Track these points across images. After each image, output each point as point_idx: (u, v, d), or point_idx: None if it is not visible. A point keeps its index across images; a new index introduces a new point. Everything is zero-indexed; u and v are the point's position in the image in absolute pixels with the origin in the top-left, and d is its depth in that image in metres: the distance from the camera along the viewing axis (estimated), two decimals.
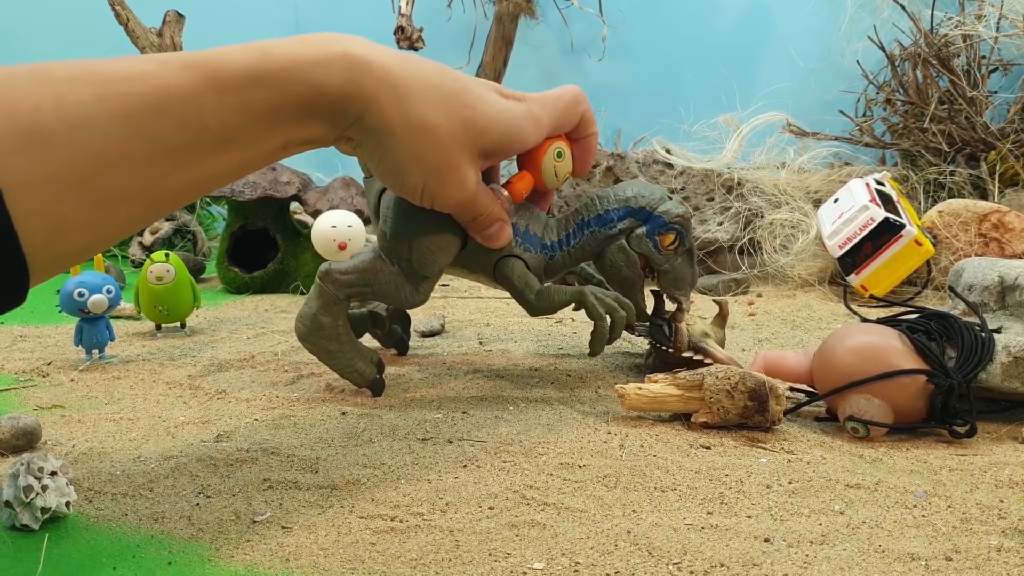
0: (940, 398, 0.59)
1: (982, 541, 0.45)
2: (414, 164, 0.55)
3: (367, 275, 0.67)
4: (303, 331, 0.69)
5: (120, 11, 1.46)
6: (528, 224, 0.70)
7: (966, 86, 1.32)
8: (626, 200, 0.72)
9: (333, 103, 0.49)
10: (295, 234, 1.21)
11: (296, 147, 0.50)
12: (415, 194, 0.58)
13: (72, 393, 0.74)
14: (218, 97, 0.44)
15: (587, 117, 0.65)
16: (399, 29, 1.47)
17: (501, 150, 0.59)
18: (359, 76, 0.50)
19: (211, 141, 0.45)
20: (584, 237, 0.72)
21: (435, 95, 0.53)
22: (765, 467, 0.55)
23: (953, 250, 1.08)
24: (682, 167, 1.26)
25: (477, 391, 0.72)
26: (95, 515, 0.50)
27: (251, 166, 0.49)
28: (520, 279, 0.69)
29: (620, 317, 0.70)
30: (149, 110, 0.42)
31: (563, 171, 0.66)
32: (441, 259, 0.66)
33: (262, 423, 0.65)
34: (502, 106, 0.58)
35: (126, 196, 0.43)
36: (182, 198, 0.46)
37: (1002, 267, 0.68)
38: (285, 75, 0.47)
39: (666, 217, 0.71)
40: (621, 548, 0.45)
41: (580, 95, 0.64)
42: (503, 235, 0.65)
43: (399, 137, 0.53)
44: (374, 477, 0.55)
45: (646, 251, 0.71)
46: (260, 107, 0.46)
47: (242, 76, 0.45)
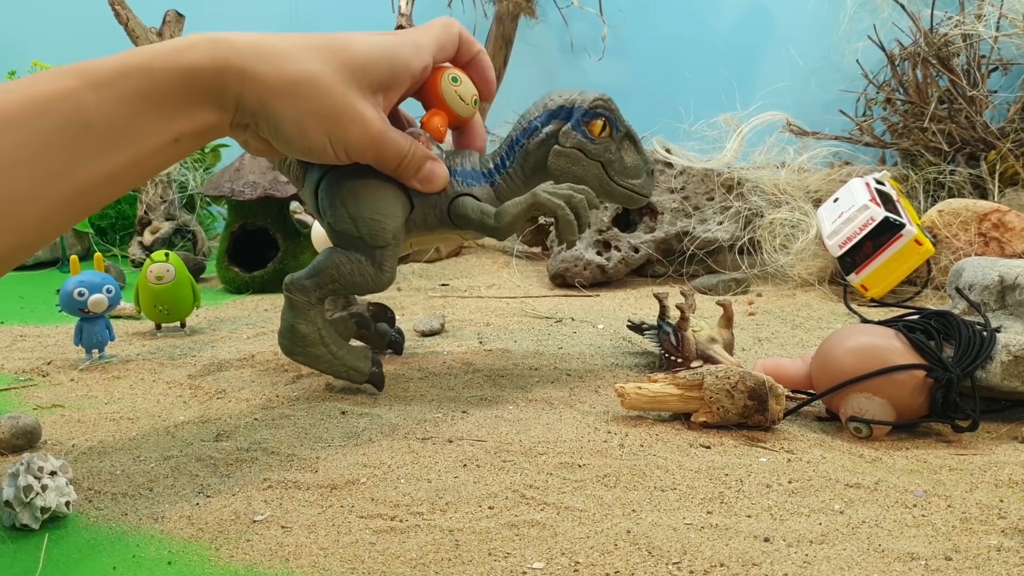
0: (940, 392, 0.59)
1: (982, 541, 0.45)
2: (309, 120, 0.56)
3: (328, 271, 0.67)
4: (287, 345, 0.69)
5: (120, 11, 1.46)
6: (462, 162, 0.70)
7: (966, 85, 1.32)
8: (544, 105, 0.72)
9: (207, 84, 0.51)
10: (295, 233, 1.21)
11: (190, 139, 0.52)
12: (326, 151, 0.58)
13: (72, 393, 0.74)
14: (95, 93, 0.46)
15: (465, 37, 0.66)
16: (399, 28, 1.47)
17: (390, 80, 0.59)
18: (225, 52, 0.52)
19: (97, 138, 0.46)
20: (517, 154, 0.71)
21: (305, 51, 0.55)
22: (765, 467, 0.55)
23: (953, 249, 1.08)
24: (682, 167, 1.26)
25: (477, 391, 0.72)
26: (95, 515, 0.50)
27: (145, 164, 0.50)
28: (475, 210, 0.68)
29: (579, 200, 0.68)
30: (29, 116, 0.44)
31: (467, 94, 0.66)
32: (390, 223, 0.66)
33: (262, 422, 0.65)
34: (375, 39, 0.59)
35: (23, 199, 0.44)
36: (81, 203, 0.47)
37: (1002, 266, 0.68)
38: (152, 63, 0.49)
39: (585, 105, 0.70)
40: (621, 548, 0.45)
41: (449, 19, 0.66)
42: (437, 173, 0.65)
43: (284, 97, 0.54)
44: (374, 477, 0.55)
45: (578, 144, 0.70)
46: (135, 96, 0.48)
47: (112, 70, 0.47)
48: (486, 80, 0.69)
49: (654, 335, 0.79)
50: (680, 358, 0.73)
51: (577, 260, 1.18)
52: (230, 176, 1.17)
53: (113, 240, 1.60)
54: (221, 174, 1.19)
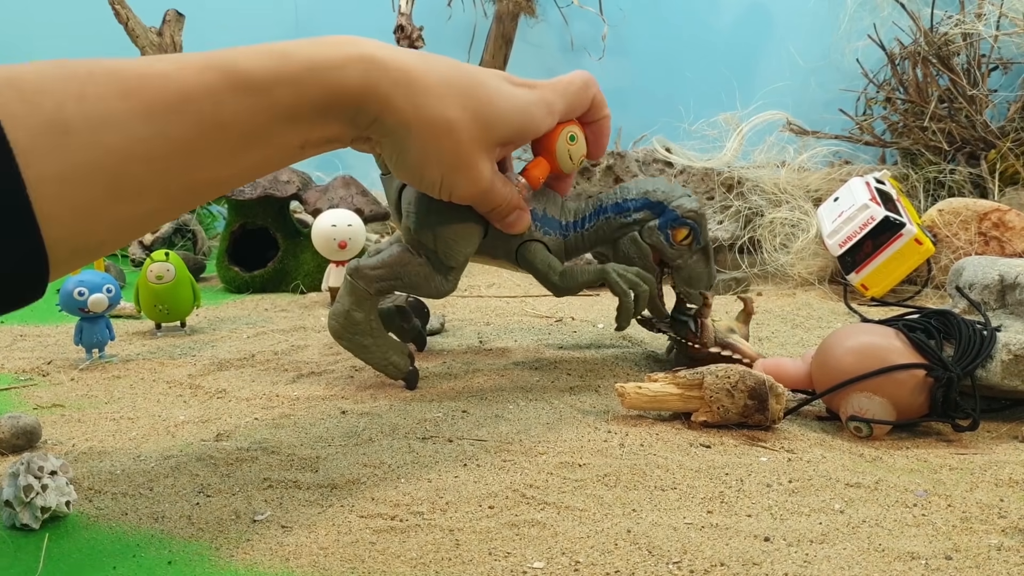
0: (940, 391, 0.59)
1: (982, 540, 0.45)
2: (432, 160, 0.56)
3: (396, 268, 0.68)
4: (337, 328, 0.70)
5: (120, 10, 1.46)
6: (546, 208, 0.71)
7: (966, 85, 1.32)
8: (645, 192, 0.73)
9: (350, 104, 0.50)
10: (295, 233, 1.21)
11: (314, 147, 0.51)
12: (433, 188, 0.59)
13: (72, 392, 0.74)
14: (237, 97, 0.45)
15: (598, 100, 0.66)
16: (399, 28, 1.47)
17: (515, 138, 0.60)
18: (375, 77, 0.50)
19: (230, 140, 0.45)
20: (599, 221, 0.73)
21: (449, 91, 0.54)
22: (765, 466, 0.55)
23: (953, 249, 1.08)
24: (682, 166, 1.26)
25: (477, 390, 0.72)
26: (95, 514, 0.50)
27: (270, 165, 0.50)
28: (543, 262, 0.70)
29: (644, 291, 0.71)
30: (169, 109, 0.43)
31: (577, 154, 0.66)
32: (465, 248, 0.68)
33: (262, 422, 0.65)
34: (514, 96, 0.59)
35: (146, 192, 0.43)
36: (201, 195, 0.47)
37: (1002, 266, 0.68)
38: (303, 77, 0.47)
39: (679, 211, 0.72)
40: (621, 547, 0.45)
41: (590, 80, 0.66)
42: (522, 222, 0.66)
43: (416, 135, 0.54)
44: (374, 476, 0.55)
45: (657, 243, 0.72)
46: (278, 108, 0.47)
47: (261, 77, 0.46)
48: (600, 146, 0.69)
49: (666, 324, 0.79)
50: (699, 344, 0.73)
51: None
52: None
53: None
54: None
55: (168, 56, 0.45)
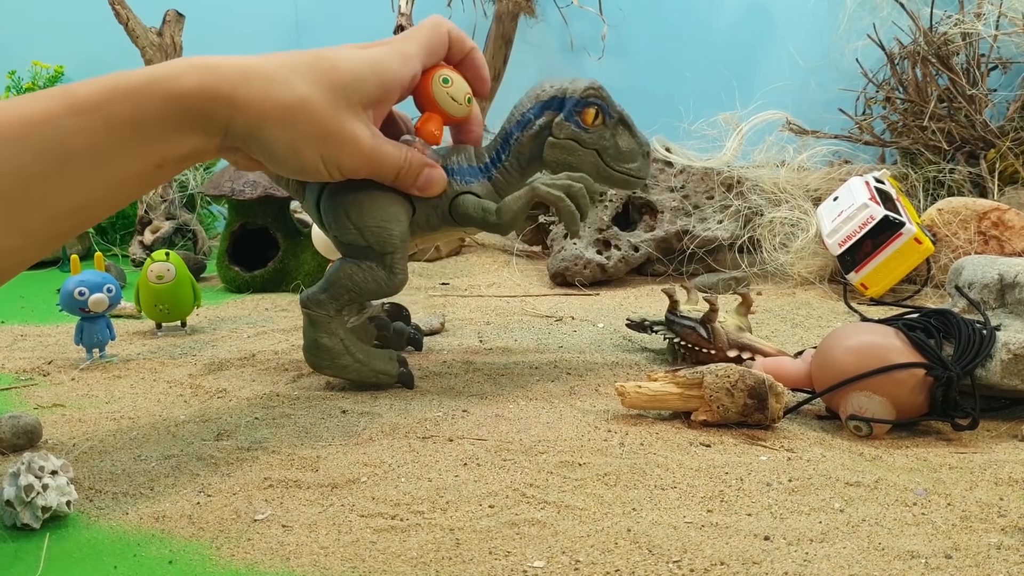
0: (940, 391, 0.59)
1: (982, 539, 0.45)
2: (301, 142, 0.56)
3: (341, 282, 0.68)
4: (313, 360, 0.70)
5: (120, 10, 1.46)
6: (458, 160, 0.70)
7: (965, 84, 1.32)
8: (536, 96, 0.72)
9: (196, 111, 0.50)
10: (295, 233, 1.21)
11: (173, 164, 0.51)
12: (319, 171, 0.59)
13: (73, 392, 0.74)
14: (77, 118, 0.45)
15: (455, 35, 0.66)
16: (399, 28, 1.47)
17: (380, 94, 0.59)
18: (213, 80, 0.51)
19: (78, 164, 0.46)
20: (512, 147, 0.71)
21: (292, 73, 0.54)
22: (765, 465, 0.55)
23: (953, 248, 1.08)
24: (682, 165, 1.26)
25: (477, 389, 0.72)
26: (96, 514, 0.50)
27: (127, 189, 0.49)
28: (476, 208, 0.69)
29: (579, 189, 0.70)
30: (11, 137, 0.43)
31: (460, 94, 0.66)
32: (395, 228, 0.67)
33: (262, 421, 0.65)
34: (362, 54, 0.59)
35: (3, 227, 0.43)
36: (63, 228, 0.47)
37: (1001, 265, 0.68)
38: (138, 89, 0.48)
39: (577, 95, 0.70)
40: (621, 546, 0.45)
41: (438, 18, 0.66)
42: (435, 179, 0.66)
43: (274, 124, 0.54)
44: (374, 476, 0.55)
45: (572, 135, 0.70)
46: (119, 122, 0.47)
47: (97, 95, 0.47)
48: (480, 79, 0.69)
49: (664, 330, 0.79)
50: (714, 350, 0.73)
51: (577, 259, 1.18)
52: (230, 175, 1.17)
53: (114, 239, 1.60)
54: (221, 173, 1.20)
55: (9, 98, 0.46)
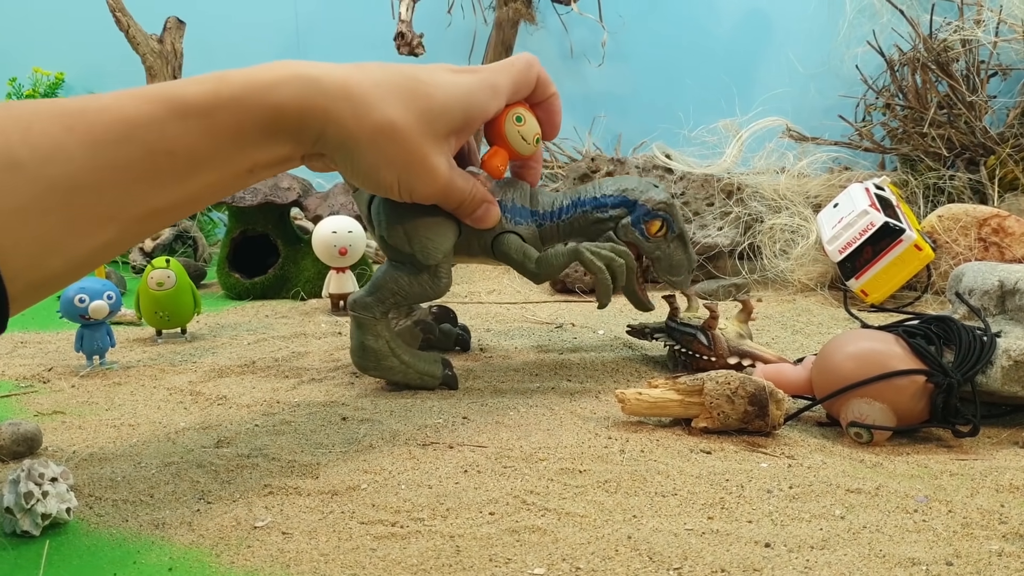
0: (940, 397, 0.59)
1: (983, 546, 0.45)
2: (383, 164, 0.57)
3: (387, 286, 0.69)
4: (360, 362, 0.72)
5: (121, 18, 1.47)
6: (514, 198, 0.72)
7: (965, 91, 1.32)
8: (624, 190, 0.74)
9: (292, 122, 0.51)
10: (296, 239, 1.21)
11: (263, 169, 0.52)
12: (392, 191, 0.60)
13: (73, 399, 0.74)
14: (180, 122, 0.46)
15: (543, 79, 0.67)
16: (399, 35, 1.48)
17: (463, 126, 0.60)
18: (312, 94, 0.52)
19: (178, 166, 0.46)
20: (576, 214, 0.74)
21: (387, 94, 0.55)
22: (765, 472, 0.55)
23: (953, 255, 1.08)
24: (682, 172, 1.26)
25: (477, 396, 0.72)
26: (96, 521, 0.50)
27: (219, 192, 0.50)
28: (518, 251, 0.71)
29: (619, 265, 0.72)
30: (115, 139, 0.44)
31: (529, 134, 0.67)
32: (442, 244, 0.68)
33: (263, 428, 0.65)
34: (455, 83, 0.59)
35: (99, 222, 0.44)
36: (155, 223, 0.48)
37: (1002, 271, 0.68)
38: (242, 98, 0.49)
39: (649, 204, 0.73)
40: (622, 553, 0.45)
41: (532, 59, 0.66)
42: (490, 215, 0.67)
43: (363, 143, 0.55)
44: (375, 483, 0.55)
45: (634, 240, 0.73)
46: (221, 129, 0.48)
47: (201, 102, 0.47)
48: (553, 124, 0.70)
49: (664, 337, 0.79)
50: (714, 357, 0.73)
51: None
52: None
53: None
54: None
55: (113, 92, 0.46)
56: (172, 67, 1.50)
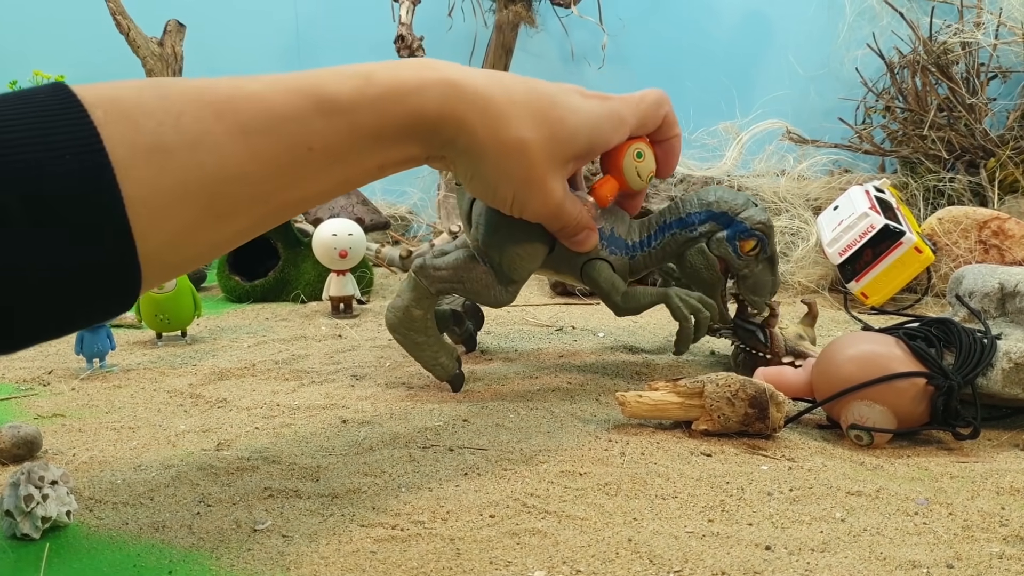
0: (941, 400, 0.59)
1: (983, 548, 0.45)
2: (505, 180, 0.57)
3: (461, 272, 0.69)
4: (394, 321, 0.71)
5: (121, 21, 1.47)
6: (613, 227, 0.71)
7: (965, 93, 1.32)
8: (708, 204, 0.73)
9: (429, 127, 0.51)
10: (296, 242, 1.21)
11: (392, 167, 0.52)
12: (505, 205, 0.60)
13: (73, 402, 0.74)
14: (324, 120, 0.46)
15: (670, 119, 0.66)
16: (399, 38, 1.48)
17: (586, 153, 0.61)
18: (453, 101, 0.52)
19: (317, 161, 0.47)
20: (665, 239, 0.73)
21: (524, 112, 0.55)
22: (766, 474, 0.55)
23: (953, 257, 1.08)
24: (682, 174, 1.26)
25: (478, 399, 0.72)
26: (96, 524, 0.50)
27: (348, 186, 0.51)
28: (607, 281, 0.71)
29: (704, 317, 0.72)
30: (261, 130, 0.44)
31: (645, 171, 0.66)
32: (529, 265, 0.68)
33: (263, 432, 0.65)
34: (586, 110, 0.59)
35: (237, 211, 0.44)
36: (286, 214, 0.48)
37: (1002, 274, 0.68)
38: (385, 100, 0.49)
39: (748, 223, 0.71)
40: (622, 556, 0.45)
41: (664, 98, 0.66)
42: (589, 241, 0.66)
43: (490, 156, 0.55)
44: (375, 485, 0.55)
45: (726, 255, 0.72)
46: (362, 130, 0.48)
47: (347, 100, 0.47)
48: (669, 165, 0.69)
49: (730, 334, 0.79)
50: (770, 354, 0.73)
51: None
52: None
53: None
54: None
55: (257, 77, 0.46)
56: (172, 70, 1.50)
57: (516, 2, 1.58)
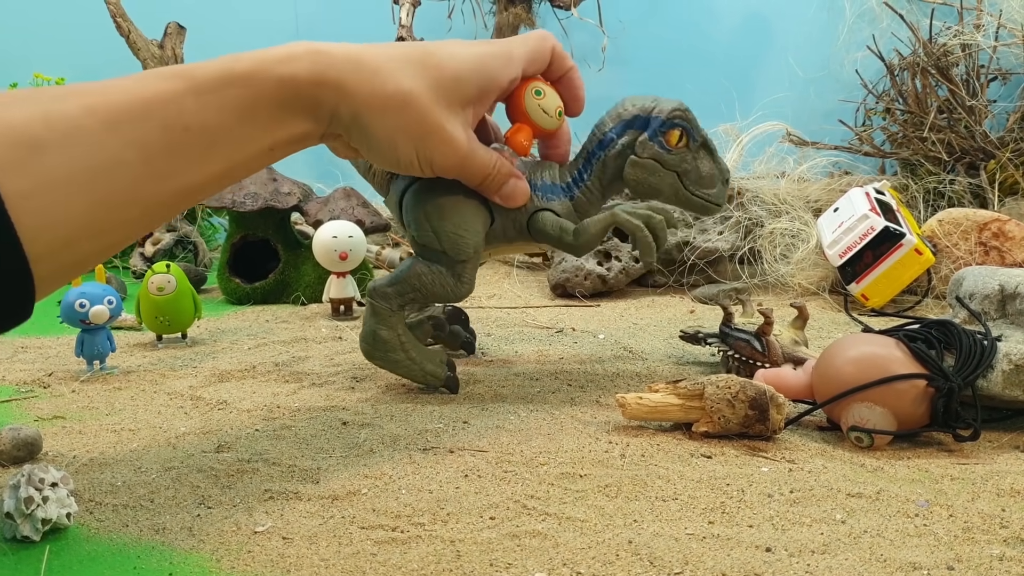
0: (941, 402, 0.59)
1: (984, 550, 0.45)
2: (400, 136, 0.56)
3: (410, 281, 0.69)
4: (367, 349, 0.71)
5: (122, 23, 1.47)
6: (542, 175, 0.71)
7: (965, 95, 1.32)
8: (618, 115, 0.71)
9: (306, 97, 0.51)
10: (296, 244, 1.21)
11: (283, 147, 0.52)
12: (412, 166, 0.59)
13: (73, 404, 0.74)
14: (196, 98, 0.47)
15: (558, 52, 0.66)
16: (399, 40, 1.48)
17: (480, 94, 0.60)
18: (323, 66, 0.52)
19: (196, 144, 0.47)
20: (595, 167, 0.71)
21: (399, 65, 0.55)
22: (766, 476, 0.55)
23: (953, 259, 1.08)
24: None
25: (478, 400, 0.72)
26: (96, 526, 0.50)
27: (240, 170, 0.51)
28: (554, 226, 0.69)
29: (658, 221, 0.70)
30: (134, 117, 0.44)
31: (551, 107, 0.66)
32: (471, 238, 0.68)
33: (263, 433, 0.65)
34: (466, 53, 0.59)
35: (122, 202, 0.44)
36: (177, 203, 0.48)
37: (1002, 276, 0.68)
38: (253, 72, 0.49)
39: (663, 115, 0.69)
40: (622, 558, 0.45)
41: (545, 33, 0.66)
42: (520, 190, 0.66)
43: (377, 115, 0.55)
44: (375, 487, 0.55)
45: (655, 155, 0.69)
46: (235, 104, 0.48)
47: (216, 77, 0.48)
48: (576, 98, 0.69)
49: (718, 343, 0.79)
50: (768, 363, 0.73)
51: (578, 270, 1.18)
52: (231, 187, 1.17)
53: None
54: None
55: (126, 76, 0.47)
56: None
57: (516, 4, 1.58)
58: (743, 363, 0.75)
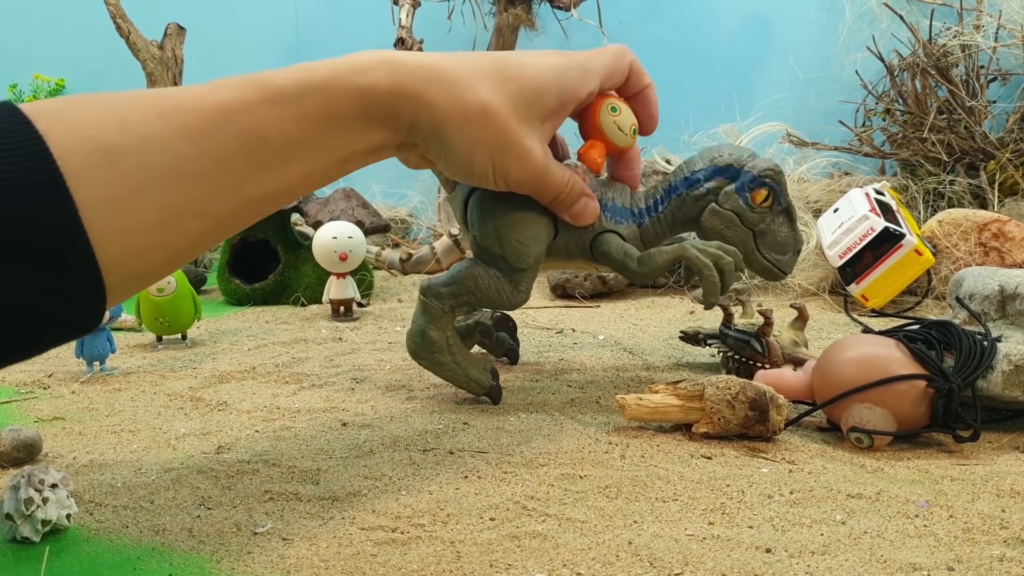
0: (941, 402, 0.59)
1: (984, 551, 0.45)
2: (477, 149, 0.55)
3: (466, 283, 0.67)
4: (414, 348, 0.69)
5: (122, 24, 1.47)
6: (614, 197, 0.69)
7: (965, 96, 1.32)
8: (712, 159, 0.71)
9: (385, 107, 0.50)
10: (296, 245, 1.21)
11: (360, 158, 0.51)
12: (487, 179, 0.58)
13: (73, 405, 0.74)
14: (273, 108, 0.46)
15: (636, 68, 0.65)
16: (399, 41, 1.48)
17: (558, 108, 0.59)
18: (401, 76, 0.51)
19: (272, 153, 0.46)
20: (672, 201, 0.70)
21: (478, 76, 0.54)
22: (766, 477, 0.55)
23: (953, 260, 1.08)
24: None
25: (478, 402, 0.72)
26: (96, 527, 0.50)
27: (315, 180, 0.50)
28: (618, 250, 0.68)
29: (727, 263, 0.68)
30: (210, 125, 0.43)
31: (626, 124, 0.65)
32: (533, 248, 0.66)
33: (263, 434, 0.65)
34: (546, 63, 0.58)
35: (196, 212, 0.43)
36: (249, 215, 0.47)
37: (1002, 276, 0.68)
38: (332, 81, 0.48)
39: (755, 171, 0.69)
40: (622, 559, 0.45)
41: (624, 48, 0.65)
42: (590, 210, 0.65)
43: (456, 126, 0.54)
44: (375, 488, 0.55)
45: (737, 208, 0.69)
46: (313, 114, 0.47)
47: (293, 86, 0.46)
48: (650, 115, 0.68)
49: (718, 344, 0.79)
50: (768, 364, 0.73)
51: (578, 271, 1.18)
52: None
53: None
54: None
55: (202, 83, 0.46)
56: (173, 73, 1.51)
57: (516, 5, 1.58)
58: (743, 364, 0.75)
